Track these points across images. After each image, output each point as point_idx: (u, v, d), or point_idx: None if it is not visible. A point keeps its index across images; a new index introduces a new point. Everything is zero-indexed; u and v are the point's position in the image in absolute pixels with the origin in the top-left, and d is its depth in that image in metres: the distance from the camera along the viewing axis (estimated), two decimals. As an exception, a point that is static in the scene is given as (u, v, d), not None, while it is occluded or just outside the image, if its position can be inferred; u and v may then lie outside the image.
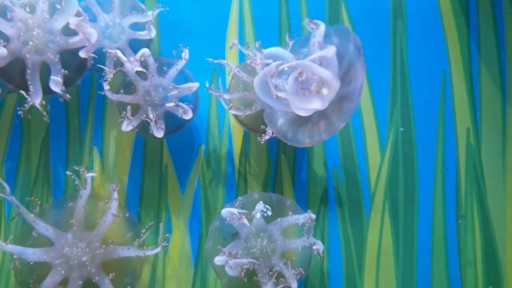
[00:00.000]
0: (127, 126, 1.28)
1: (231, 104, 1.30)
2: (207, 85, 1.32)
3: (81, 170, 1.26)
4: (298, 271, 1.23)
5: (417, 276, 1.37)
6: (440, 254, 1.38)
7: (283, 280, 1.22)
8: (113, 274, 1.23)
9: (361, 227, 1.39)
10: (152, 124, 1.28)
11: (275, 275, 1.21)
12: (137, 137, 1.44)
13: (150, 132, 1.29)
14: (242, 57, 1.45)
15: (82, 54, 1.25)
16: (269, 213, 1.23)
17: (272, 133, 1.28)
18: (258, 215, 1.24)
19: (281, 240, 1.25)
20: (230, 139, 1.44)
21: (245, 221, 1.22)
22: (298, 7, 1.48)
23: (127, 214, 1.33)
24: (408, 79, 1.44)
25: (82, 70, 1.32)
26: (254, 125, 1.36)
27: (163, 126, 1.30)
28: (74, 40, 1.25)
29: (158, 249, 1.25)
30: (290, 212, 1.26)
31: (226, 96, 1.30)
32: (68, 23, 1.23)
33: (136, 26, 1.35)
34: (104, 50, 1.29)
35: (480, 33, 1.44)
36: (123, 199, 1.42)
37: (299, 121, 1.20)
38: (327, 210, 1.40)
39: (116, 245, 1.25)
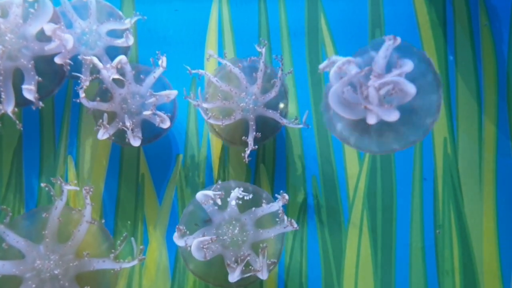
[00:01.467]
0: (103, 135, 1.26)
1: (210, 114, 1.29)
2: (184, 92, 1.30)
3: (59, 182, 1.23)
4: (271, 262, 1.22)
5: (395, 285, 1.38)
6: (418, 264, 1.38)
7: (251, 268, 1.20)
8: (88, 287, 1.20)
9: (339, 237, 1.39)
10: (129, 132, 1.26)
11: (245, 261, 1.20)
12: (113, 146, 1.42)
13: (127, 140, 1.27)
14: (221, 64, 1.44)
15: (57, 60, 1.22)
16: (247, 198, 1.21)
17: (254, 145, 1.27)
18: (233, 202, 1.22)
19: (254, 230, 1.23)
20: (208, 148, 1.43)
21: (219, 201, 1.20)
22: (277, 16, 1.48)
23: (103, 221, 1.30)
24: (386, 89, 1.45)
25: (58, 78, 1.30)
26: (231, 137, 1.35)
27: (140, 134, 1.28)
28: (49, 47, 1.22)
29: (135, 262, 1.23)
30: (264, 201, 1.25)
31: (205, 105, 1.29)
32: (42, 29, 1.21)
33: (113, 33, 1.33)
34: (79, 57, 1.27)
35: (456, 45, 1.46)
36: (98, 209, 1.39)
37: (360, 127, 1.18)
38: (306, 219, 1.40)
39: (91, 257, 1.22)
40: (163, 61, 1.28)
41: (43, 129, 1.42)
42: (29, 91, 1.21)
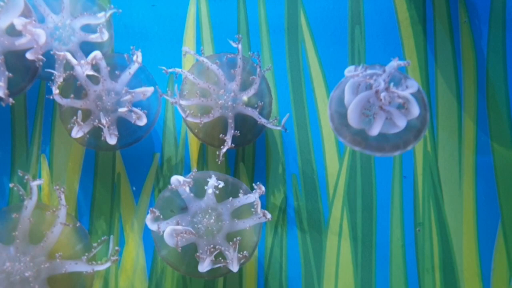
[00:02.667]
0: (77, 133, 1.23)
1: (188, 111, 1.26)
2: (159, 90, 1.27)
3: (27, 177, 1.19)
4: (243, 255, 1.20)
5: (376, 284, 1.37)
6: (398, 262, 1.38)
7: (222, 259, 1.19)
8: None
9: (319, 235, 1.38)
10: (105, 130, 1.23)
11: (215, 253, 1.19)
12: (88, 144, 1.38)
13: (103, 139, 1.23)
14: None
15: (29, 55, 1.19)
16: (221, 186, 1.21)
17: (231, 144, 1.25)
18: (210, 190, 1.22)
19: (229, 220, 1.23)
20: (186, 146, 1.41)
21: (187, 188, 1.19)
22: (256, 12, 1.46)
23: (77, 224, 1.27)
24: (366, 87, 1.44)
25: (30, 74, 1.26)
26: (210, 137, 1.32)
27: (116, 132, 1.25)
28: (20, 42, 1.19)
29: (108, 264, 1.20)
30: (241, 191, 1.24)
31: (183, 102, 1.26)
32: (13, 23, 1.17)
33: (88, 29, 1.30)
34: (52, 52, 1.23)
35: (436, 41, 1.46)
36: (73, 209, 1.36)
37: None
38: (286, 218, 1.39)
39: (64, 258, 1.19)
40: (138, 56, 1.25)
41: (15, 127, 1.38)
42: (-1, 87, 1.18)
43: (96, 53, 1.23)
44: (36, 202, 1.19)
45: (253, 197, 1.22)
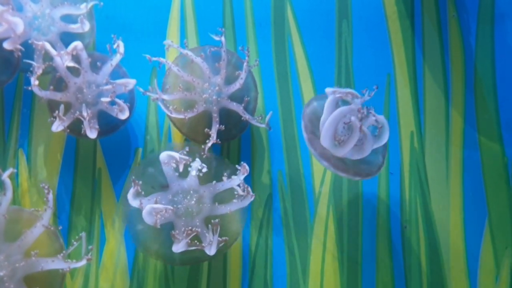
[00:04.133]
0: (58, 127, 1.20)
1: (171, 107, 1.24)
2: (140, 90, 1.24)
3: None
4: (222, 239, 1.18)
5: (362, 282, 1.36)
6: (384, 259, 1.37)
7: (197, 242, 1.18)
8: None
9: (305, 233, 1.37)
10: (86, 123, 1.20)
11: (192, 235, 1.17)
12: (68, 138, 1.35)
13: (83, 132, 1.20)
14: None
15: (6, 45, 1.15)
16: (204, 170, 1.19)
17: (216, 138, 1.23)
18: (194, 173, 1.20)
19: (210, 204, 1.21)
20: (170, 141, 1.38)
21: (181, 166, 1.18)
22: (242, 5, 1.44)
23: (60, 227, 1.24)
24: (352, 82, 1.43)
25: (11, 69, 1.23)
26: (194, 133, 1.30)
27: (96, 126, 1.22)
28: (-4, 31, 1.15)
29: (83, 262, 1.17)
30: (225, 174, 1.22)
31: (165, 97, 1.24)
32: (-11, 11, 1.14)
33: (69, 19, 1.27)
34: (30, 41, 1.20)
35: (424, 36, 1.46)
36: (52, 205, 1.32)
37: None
38: (271, 215, 1.37)
39: (40, 256, 1.15)
40: (120, 46, 1.22)
41: (-9, 120, 1.34)
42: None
43: (77, 44, 1.20)
44: (11, 198, 1.15)
45: (237, 180, 1.20)
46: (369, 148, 1.19)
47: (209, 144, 1.24)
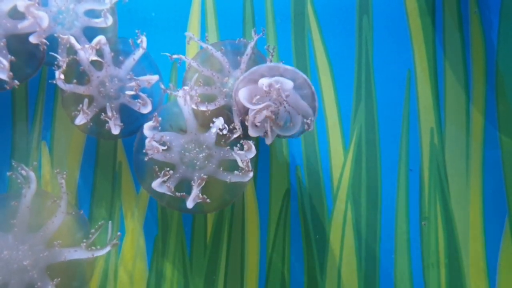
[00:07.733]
0: (81, 120, 1.21)
1: (196, 99, 1.24)
2: (162, 87, 1.25)
3: (20, 168, 1.17)
4: (203, 197, 1.19)
5: (380, 278, 1.36)
6: (403, 256, 1.36)
7: (185, 195, 1.20)
8: (58, 279, 1.15)
9: (323, 228, 1.37)
10: (111, 122, 1.21)
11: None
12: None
13: (106, 127, 1.22)
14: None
15: (32, 39, 1.17)
16: (225, 131, 1.20)
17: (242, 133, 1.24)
18: (214, 130, 1.21)
19: (215, 165, 1.22)
20: (189, 135, 1.38)
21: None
22: (263, 0, 1.44)
23: (81, 212, 1.26)
24: (372, 78, 1.42)
25: (36, 62, 1.24)
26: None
27: (119, 122, 1.23)
28: (23, 25, 1.17)
29: (108, 249, 1.18)
30: (235, 148, 1.22)
31: (193, 93, 1.24)
32: (15, 6, 1.15)
33: (92, 14, 1.28)
34: (55, 35, 1.21)
35: (445, 33, 1.44)
36: (73, 198, 1.34)
37: None
38: (289, 210, 1.37)
39: (63, 246, 1.17)
40: (143, 41, 1.23)
41: (15, 113, 1.36)
42: (2, 70, 1.15)
43: (101, 38, 1.21)
44: (34, 190, 1.17)
45: (244, 154, 1.21)
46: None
47: (235, 136, 1.24)
